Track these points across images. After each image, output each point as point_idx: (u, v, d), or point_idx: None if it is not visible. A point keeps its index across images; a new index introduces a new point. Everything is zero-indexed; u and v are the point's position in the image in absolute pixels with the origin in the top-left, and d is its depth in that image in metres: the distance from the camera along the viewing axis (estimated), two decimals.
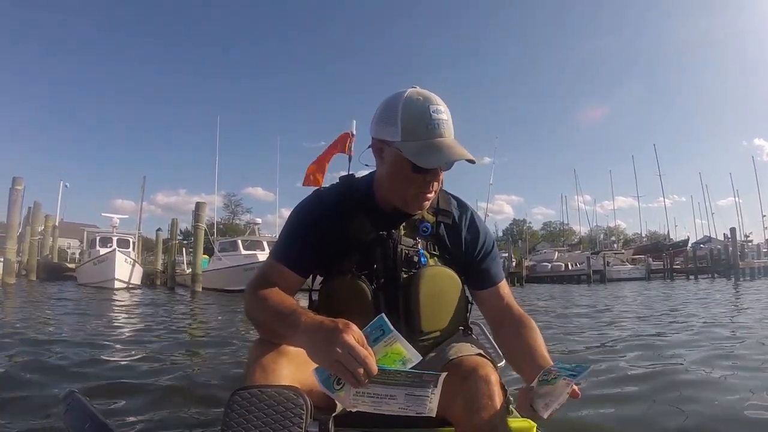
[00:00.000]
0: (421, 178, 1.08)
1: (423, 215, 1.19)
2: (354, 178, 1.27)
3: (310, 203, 1.20)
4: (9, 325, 5.48)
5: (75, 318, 6.52)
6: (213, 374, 3.01)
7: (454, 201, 1.25)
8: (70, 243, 42.04)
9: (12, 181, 16.79)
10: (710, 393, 2.46)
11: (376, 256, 1.14)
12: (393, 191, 1.14)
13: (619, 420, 2.12)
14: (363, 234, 1.15)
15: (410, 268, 1.14)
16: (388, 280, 1.13)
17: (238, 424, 0.74)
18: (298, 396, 0.79)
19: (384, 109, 1.09)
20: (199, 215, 16.26)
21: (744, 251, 30.92)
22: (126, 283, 15.99)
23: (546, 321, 6.26)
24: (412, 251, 1.15)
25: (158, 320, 6.63)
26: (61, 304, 9.06)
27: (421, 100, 1.05)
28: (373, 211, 1.17)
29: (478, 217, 1.26)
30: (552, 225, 69.84)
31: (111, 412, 2.14)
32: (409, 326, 1.12)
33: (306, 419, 0.77)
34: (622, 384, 2.71)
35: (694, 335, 4.61)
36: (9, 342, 4.00)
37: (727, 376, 2.82)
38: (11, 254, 16.45)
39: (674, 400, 2.35)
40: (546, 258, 35.25)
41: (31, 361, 3.20)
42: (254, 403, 0.77)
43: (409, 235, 1.17)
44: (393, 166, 1.10)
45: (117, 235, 20.33)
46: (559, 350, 3.86)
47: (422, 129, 1.03)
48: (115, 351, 3.80)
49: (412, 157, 1.03)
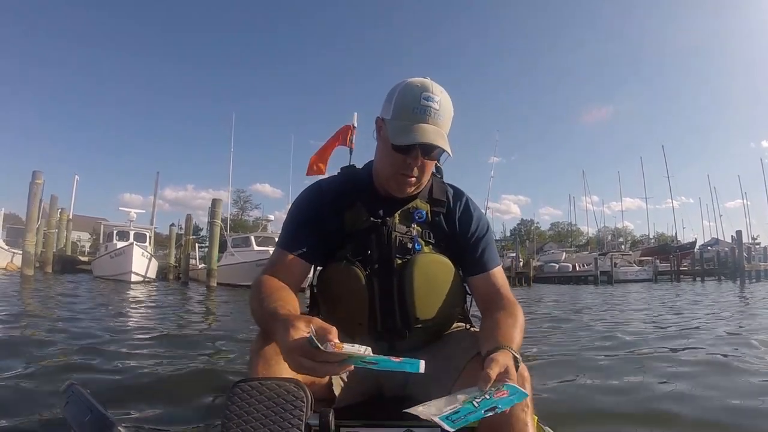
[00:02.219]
0: (402, 158, 1.10)
1: (417, 203, 1.21)
2: (355, 168, 1.30)
3: (311, 193, 1.23)
4: (29, 315, 5.59)
5: (95, 310, 6.54)
6: (217, 366, 3.02)
7: (450, 189, 1.27)
8: (80, 236, 42.50)
9: (32, 175, 16.99)
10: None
11: (370, 243, 1.16)
12: (381, 169, 1.18)
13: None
14: (358, 221, 1.18)
15: (404, 254, 1.15)
16: (382, 266, 1.14)
17: (239, 416, 0.75)
18: (298, 388, 0.79)
19: (391, 89, 1.14)
20: (215, 212, 16.44)
21: (751, 254, 30.89)
22: (142, 276, 16.31)
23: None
24: (406, 238, 1.16)
25: (172, 313, 6.77)
26: (80, 296, 9.19)
27: (419, 86, 1.09)
28: (370, 198, 1.20)
29: (472, 202, 1.27)
30: (560, 225, 69.81)
31: (111, 403, 2.13)
32: (403, 312, 1.14)
33: (306, 411, 0.76)
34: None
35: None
36: (22, 333, 4.03)
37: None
38: (31, 247, 16.70)
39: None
40: (554, 258, 35.45)
41: (36, 354, 3.17)
42: (255, 395, 0.77)
43: (403, 222, 1.18)
44: (382, 142, 1.15)
45: (134, 229, 20.63)
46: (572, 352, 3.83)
47: (409, 111, 1.07)
48: (120, 343, 3.78)
49: (390, 134, 1.09)
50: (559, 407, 2.24)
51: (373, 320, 1.15)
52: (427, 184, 1.22)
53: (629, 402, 2.35)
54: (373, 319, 1.15)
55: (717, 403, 2.31)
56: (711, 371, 3.05)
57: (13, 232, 24.52)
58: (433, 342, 1.21)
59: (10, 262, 21.61)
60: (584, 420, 2.13)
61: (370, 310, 1.14)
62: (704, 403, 2.32)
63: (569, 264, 32.87)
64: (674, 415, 2.13)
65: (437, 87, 1.09)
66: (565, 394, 2.51)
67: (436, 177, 1.26)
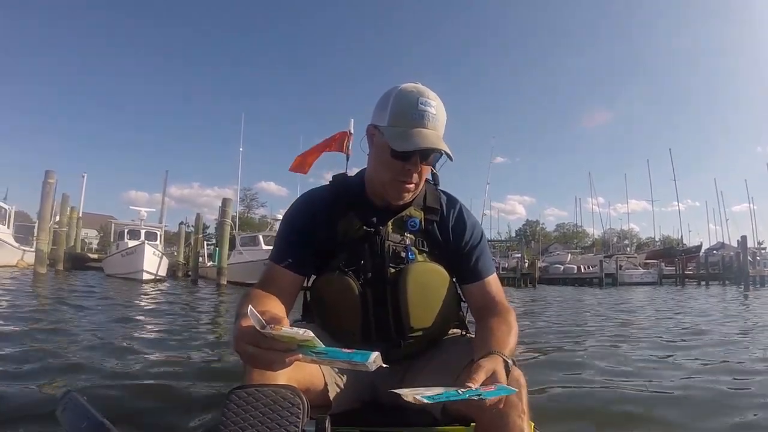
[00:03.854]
0: (400, 165, 1.09)
1: (411, 212, 1.20)
2: (346, 176, 1.29)
3: (303, 203, 1.22)
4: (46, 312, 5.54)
5: (110, 310, 6.46)
6: (216, 372, 2.99)
7: (444, 197, 1.25)
8: (87, 233, 42.84)
9: (45, 174, 17.16)
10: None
11: (363, 253, 1.15)
12: (376, 176, 1.16)
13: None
14: (351, 231, 1.16)
15: (398, 263, 1.14)
16: (375, 275, 1.14)
17: (235, 423, 0.74)
18: (294, 395, 0.78)
19: (382, 97, 1.13)
20: (225, 211, 16.67)
21: (756, 259, 30.84)
22: (154, 274, 16.44)
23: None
24: (399, 247, 1.16)
25: (182, 312, 6.78)
26: (93, 294, 9.17)
27: (414, 92, 1.08)
28: (363, 207, 1.19)
29: (466, 210, 1.26)
30: (565, 226, 69.70)
31: (108, 410, 2.12)
32: (398, 322, 1.14)
33: (303, 418, 0.76)
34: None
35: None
36: (28, 336, 3.95)
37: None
38: (44, 245, 16.88)
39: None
40: (559, 260, 35.51)
41: (35, 357, 3.11)
42: (251, 402, 0.77)
43: (396, 231, 1.17)
44: (378, 150, 1.13)
45: (145, 227, 20.73)
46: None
47: (407, 116, 1.06)
48: (125, 346, 3.71)
49: (390, 140, 1.07)
50: (557, 413, 2.22)
51: (368, 330, 1.15)
52: (421, 191, 1.21)
53: (629, 407, 2.33)
54: (368, 328, 1.15)
55: (718, 405, 2.33)
56: (712, 372, 3.07)
57: (22, 230, 24.68)
58: (429, 350, 1.21)
59: (20, 260, 21.83)
60: (583, 426, 2.11)
61: (363, 319, 1.14)
62: (704, 406, 2.33)
63: (574, 265, 32.94)
64: (674, 418, 2.15)
65: (431, 92, 1.10)
66: (563, 399, 2.49)
67: (429, 184, 1.25)
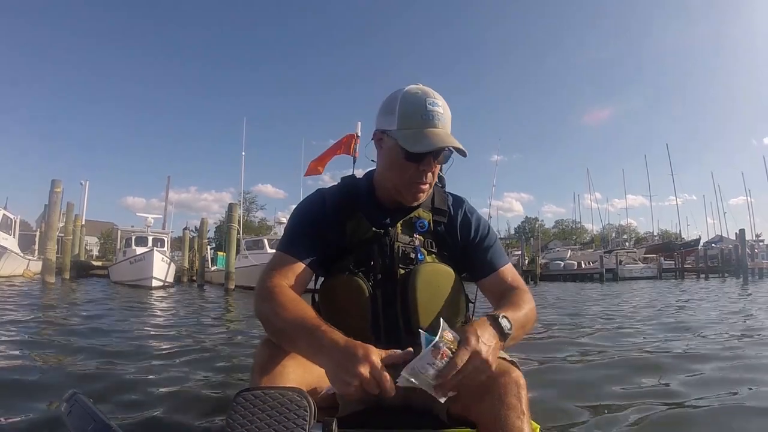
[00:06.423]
0: (414, 166, 1.10)
1: (419, 213, 1.21)
2: (355, 177, 1.30)
3: (313, 202, 1.23)
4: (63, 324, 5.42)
5: (122, 318, 6.40)
6: (224, 375, 2.99)
7: (450, 197, 1.27)
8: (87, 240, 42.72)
9: (51, 183, 17.20)
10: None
11: (373, 254, 1.15)
12: (389, 180, 1.17)
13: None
14: (360, 231, 1.17)
15: (407, 264, 1.15)
16: (385, 276, 1.14)
17: (242, 425, 0.75)
18: (302, 398, 0.79)
19: (386, 101, 1.14)
20: (231, 216, 16.87)
21: (754, 251, 31.15)
22: (162, 281, 16.60)
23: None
24: (408, 248, 1.17)
25: (192, 316, 6.84)
26: (104, 302, 9.14)
27: (420, 93, 1.10)
28: (372, 208, 1.20)
29: (472, 207, 1.28)
30: (564, 223, 69.77)
31: (115, 413, 2.13)
32: (407, 322, 1.13)
33: (309, 421, 0.77)
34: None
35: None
36: (33, 339, 4.03)
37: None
38: (51, 254, 16.91)
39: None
40: (559, 256, 35.61)
41: (41, 361, 3.17)
42: (258, 404, 0.77)
43: (405, 232, 1.18)
44: (389, 154, 1.14)
45: (152, 234, 20.89)
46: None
47: (417, 118, 1.08)
48: (132, 350, 3.73)
49: (404, 143, 1.07)
50: (561, 413, 2.18)
51: (377, 330, 1.15)
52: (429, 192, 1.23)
53: (632, 405, 2.30)
54: (377, 329, 1.15)
55: (718, 407, 2.31)
56: (713, 372, 3.04)
57: (24, 239, 24.66)
58: None
59: (26, 269, 21.89)
60: (589, 425, 2.06)
61: (373, 320, 1.15)
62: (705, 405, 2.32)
63: (574, 262, 33.07)
64: (674, 418, 2.15)
65: (434, 91, 1.13)
66: (567, 398, 2.43)
67: (437, 186, 1.26)
